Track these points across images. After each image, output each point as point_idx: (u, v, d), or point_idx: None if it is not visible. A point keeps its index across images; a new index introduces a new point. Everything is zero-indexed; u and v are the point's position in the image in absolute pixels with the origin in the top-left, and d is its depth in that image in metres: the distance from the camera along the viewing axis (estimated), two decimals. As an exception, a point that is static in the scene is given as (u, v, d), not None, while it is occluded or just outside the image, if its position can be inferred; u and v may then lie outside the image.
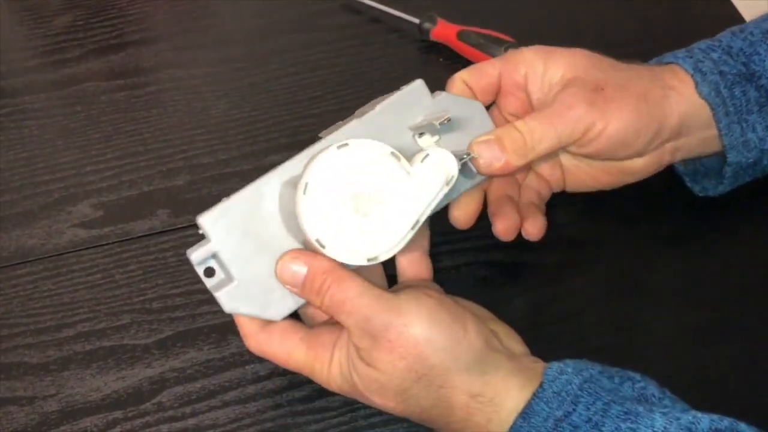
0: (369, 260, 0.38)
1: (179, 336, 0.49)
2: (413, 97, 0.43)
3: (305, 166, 0.38)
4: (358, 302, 0.39)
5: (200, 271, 0.41)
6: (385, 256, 0.38)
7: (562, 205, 0.54)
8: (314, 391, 0.47)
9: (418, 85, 0.44)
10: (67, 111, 0.60)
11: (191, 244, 0.53)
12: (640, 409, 0.35)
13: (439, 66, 0.62)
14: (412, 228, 0.39)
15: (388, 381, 0.39)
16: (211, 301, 0.50)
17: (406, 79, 0.61)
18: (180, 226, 0.54)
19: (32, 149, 0.58)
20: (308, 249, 0.41)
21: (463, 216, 0.47)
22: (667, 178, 0.55)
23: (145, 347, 0.49)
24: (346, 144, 0.38)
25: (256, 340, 0.42)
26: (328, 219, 0.37)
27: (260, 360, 0.48)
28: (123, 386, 0.47)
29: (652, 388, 0.38)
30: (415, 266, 0.45)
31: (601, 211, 0.54)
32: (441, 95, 0.44)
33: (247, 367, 0.48)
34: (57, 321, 0.50)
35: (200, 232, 0.41)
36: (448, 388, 0.38)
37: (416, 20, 0.62)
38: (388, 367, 0.38)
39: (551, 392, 0.37)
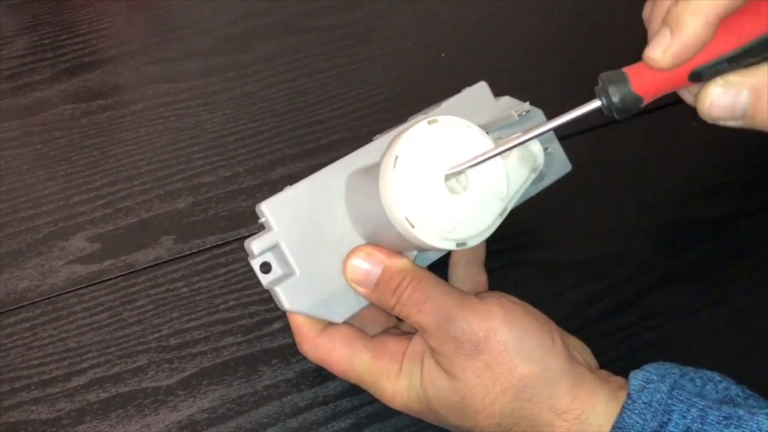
0: (458, 245, 0.35)
1: (204, 373, 0.45)
2: (476, 97, 0.43)
3: (392, 141, 0.35)
4: (441, 301, 0.36)
5: (256, 265, 0.38)
6: (473, 242, 0.35)
7: (592, 197, 0.52)
8: (360, 419, 0.44)
9: (482, 87, 0.44)
10: (45, 138, 0.55)
11: (203, 271, 0.49)
12: (741, 412, 0.33)
13: (441, 60, 0.59)
14: (501, 215, 0.36)
15: (471, 393, 0.35)
16: (235, 331, 0.47)
17: (410, 77, 0.59)
18: (188, 252, 0.50)
19: (11, 182, 0.53)
20: (374, 243, 0.38)
21: None
22: (704, 162, 0.54)
23: (168, 389, 0.44)
24: (436, 120, 0.35)
25: (314, 345, 0.39)
26: (418, 196, 0.34)
27: (297, 389, 0.45)
28: (149, 435, 0.43)
29: (734, 388, 0.36)
30: (473, 278, 0.42)
31: (633, 198, 0.52)
32: (504, 98, 0.44)
33: (284, 399, 0.44)
34: (64, 369, 0.45)
35: (260, 221, 0.38)
36: (536, 403, 0.35)
37: (597, 103, 0.34)
38: (471, 377, 0.35)
39: (641, 403, 0.34)
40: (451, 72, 0.58)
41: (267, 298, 0.47)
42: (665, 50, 0.32)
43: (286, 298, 0.38)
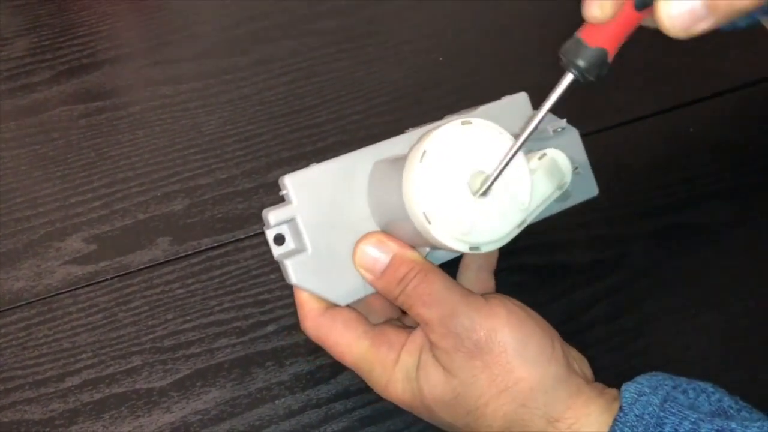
0: (471, 248, 0.35)
1: (198, 374, 0.45)
2: (514, 107, 0.43)
3: (422, 136, 0.35)
4: (445, 295, 0.35)
5: (270, 235, 0.38)
6: (486, 248, 0.35)
7: (589, 202, 0.52)
8: (354, 422, 0.44)
9: (522, 97, 0.43)
10: (42, 139, 0.55)
11: (198, 273, 0.49)
12: (733, 425, 0.32)
13: (439, 64, 0.59)
14: (519, 226, 0.35)
15: (465, 392, 0.35)
16: (229, 333, 0.47)
17: (408, 81, 0.59)
18: (184, 254, 0.50)
19: (8, 182, 0.53)
20: (389, 232, 0.38)
21: None
22: (701, 167, 0.54)
23: (161, 390, 0.44)
24: (470, 122, 0.35)
25: (316, 324, 0.39)
26: (440, 193, 0.34)
27: (291, 392, 0.44)
28: (142, 436, 0.43)
29: (727, 399, 0.35)
30: (482, 283, 0.42)
31: (630, 203, 0.52)
32: None
33: (277, 401, 0.44)
34: (58, 370, 0.45)
35: (281, 193, 0.39)
36: (530, 409, 0.35)
37: (570, 76, 0.34)
38: (468, 376, 0.35)
39: (633, 416, 0.34)
40: (450, 76, 0.58)
41: (261, 301, 0.47)
42: (602, 5, 0.32)
43: (294, 272, 0.38)
